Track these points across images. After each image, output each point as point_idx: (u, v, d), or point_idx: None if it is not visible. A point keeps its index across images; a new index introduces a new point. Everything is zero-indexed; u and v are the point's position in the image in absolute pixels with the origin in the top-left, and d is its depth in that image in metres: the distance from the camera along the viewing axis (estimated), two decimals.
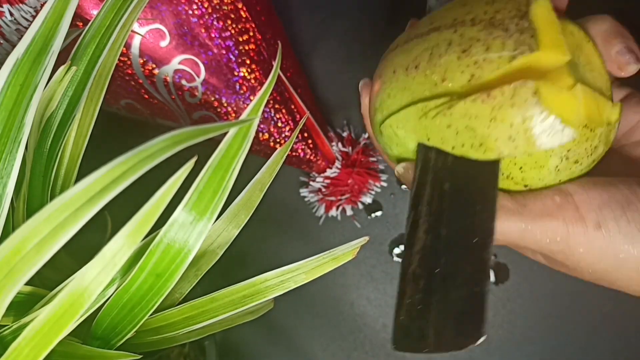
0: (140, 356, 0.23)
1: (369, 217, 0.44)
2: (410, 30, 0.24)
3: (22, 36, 0.22)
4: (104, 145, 0.27)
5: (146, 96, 0.35)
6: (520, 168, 0.21)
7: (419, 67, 0.21)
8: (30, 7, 0.31)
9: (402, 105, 0.22)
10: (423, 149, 0.22)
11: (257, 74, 0.35)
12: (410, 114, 0.22)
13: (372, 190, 0.43)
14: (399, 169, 0.24)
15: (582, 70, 0.21)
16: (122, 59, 0.32)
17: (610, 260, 0.20)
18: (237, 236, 0.25)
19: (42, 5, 0.31)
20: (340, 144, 0.42)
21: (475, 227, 0.20)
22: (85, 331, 0.24)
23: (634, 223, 0.20)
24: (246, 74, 0.34)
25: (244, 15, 0.34)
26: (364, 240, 0.24)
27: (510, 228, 0.21)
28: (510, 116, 0.19)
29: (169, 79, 0.33)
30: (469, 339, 0.17)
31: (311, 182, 0.43)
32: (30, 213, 0.23)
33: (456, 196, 0.21)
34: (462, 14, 0.21)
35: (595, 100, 0.20)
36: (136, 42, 0.32)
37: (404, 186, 0.44)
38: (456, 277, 0.18)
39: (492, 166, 0.21)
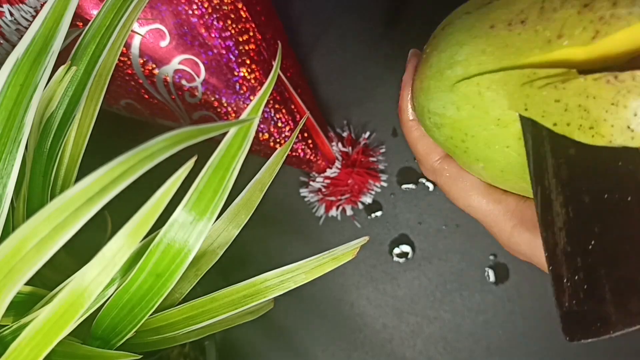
0: (140, 356, 0.23)
1: (369, 217, 0.44)
2: None
3: (22, 36, 0.22)
4: (104, 145, 0.27)
5: (146, 96, 0.35)
6: None
7: (527, 22, 0.19)
8: (30, 7, 0.31)
9: (503, 66, 0.19)
10: (528, 119, 0.19)
11: (257, 74, 0.35)
12: (512, 77, 0.19)
13: (372, 190, 0.43)
14: None
15: None
16: (122, 59, 0.32)
17: None
18: (237, 236, 0.25)
19: (42, 5, 0.31)
20: (340, 144, 0.42)
21: (624, 183, 0.17)
22: (85, 331, 0.24)
23: None
24: (246, 74, 0.34)
25: (244, 15, 0.34)
26: (364, 240, 0.24)
27: None
28: (638, 105, 0.17)
29: (169, 79, 0.33)
30: None
31: (311, 182, 0.43)
32: (30, 213, 0.23)
33: (589, 158, 0.18)
34: None
35: None
36: (136, 42, 0.32)
37: (404, 186, 0.44)
38: (621, 243, 0.16)
39: None
